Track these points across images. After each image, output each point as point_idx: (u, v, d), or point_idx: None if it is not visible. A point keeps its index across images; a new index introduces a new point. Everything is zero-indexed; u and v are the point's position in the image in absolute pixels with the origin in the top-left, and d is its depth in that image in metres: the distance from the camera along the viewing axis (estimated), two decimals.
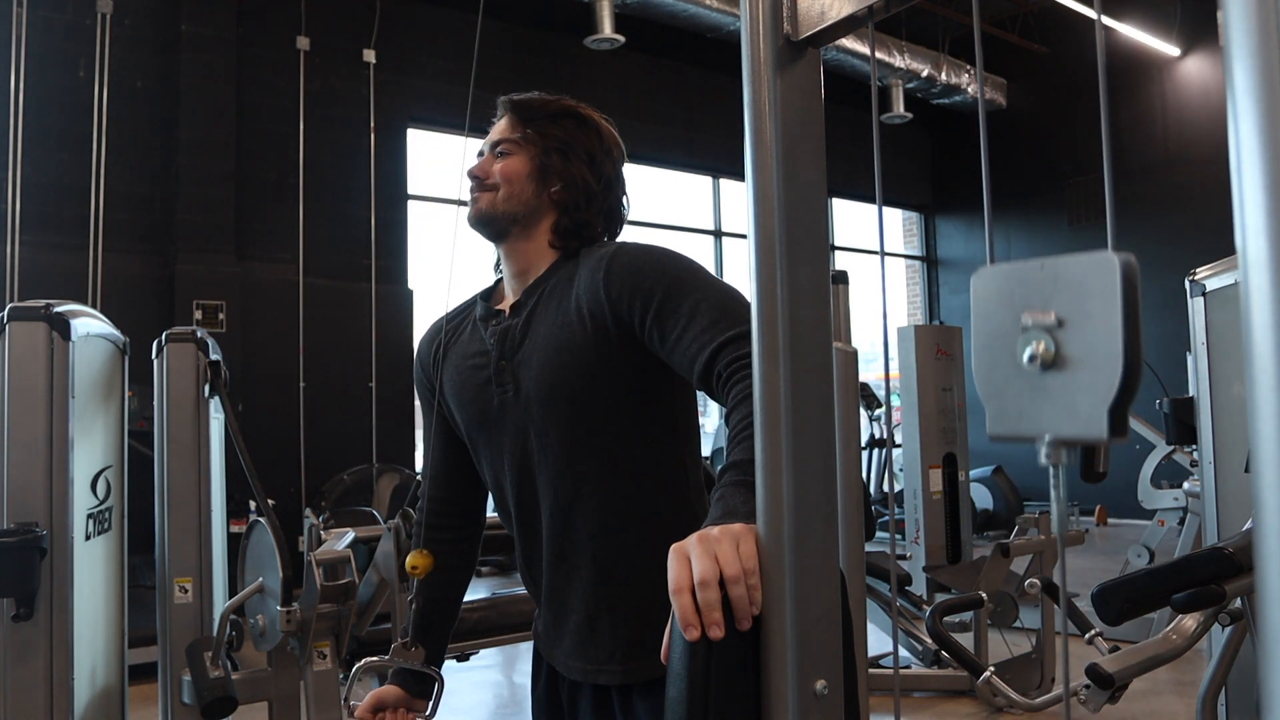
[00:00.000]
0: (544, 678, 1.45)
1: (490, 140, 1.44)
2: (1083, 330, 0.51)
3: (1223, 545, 1.72)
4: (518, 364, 1.34)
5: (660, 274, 1.26)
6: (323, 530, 2.50)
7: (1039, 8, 9.67)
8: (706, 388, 1.18)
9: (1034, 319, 0.52)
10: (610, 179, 1.44)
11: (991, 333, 0.55)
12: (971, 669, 2.81)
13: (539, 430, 1.32)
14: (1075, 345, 0.51)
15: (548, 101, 1.45)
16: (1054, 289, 0.52)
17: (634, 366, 1.28)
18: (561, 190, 1.39)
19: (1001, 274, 0.55)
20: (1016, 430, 0.54)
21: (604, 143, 1.45)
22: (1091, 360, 0.50)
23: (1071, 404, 0.51)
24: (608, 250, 1.34)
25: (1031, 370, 0.52)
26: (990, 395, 0.55)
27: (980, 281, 0.56)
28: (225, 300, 6.50)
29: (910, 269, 11.73)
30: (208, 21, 6.64)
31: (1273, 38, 0.38)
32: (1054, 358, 0.52)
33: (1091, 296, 0.50)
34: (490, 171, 1.40)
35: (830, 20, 0.74)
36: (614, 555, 1.31)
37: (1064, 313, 0.51)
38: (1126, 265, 0.49)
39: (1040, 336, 0.52)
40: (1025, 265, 0.54)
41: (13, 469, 2.11)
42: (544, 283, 1.38)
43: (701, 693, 0.79)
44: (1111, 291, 0.49)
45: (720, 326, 1.16)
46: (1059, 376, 0.51)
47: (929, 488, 4.61)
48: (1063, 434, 0.51)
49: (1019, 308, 0.54)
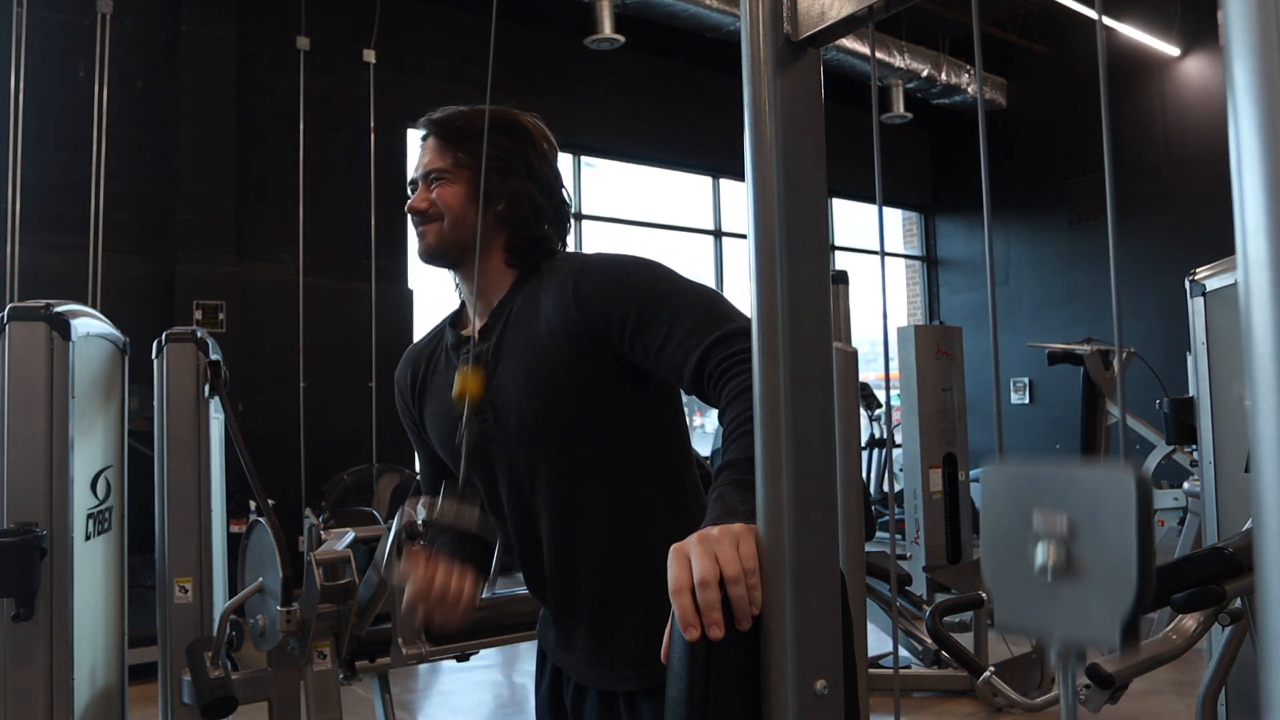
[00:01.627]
0: (547, 678, 1.45)
1: (422, 170, 1.39)
2: (1095, 540, 0.51)
3: (1223, 545, 1.72)
4: (494, 392, 1.32)
5: (632, 285, 1.24)
6: (323, 530, 2.50)
7: (1039, 8, 9.67)
8: (698, 391, 1.17)
9: (1046, 524, 0.53)
10: (551, 183, 1.41)
11: (1002, 531, 0.56)
12: (971, 669, 2.80)
13: (526, 456, 1.31)
14: (1087, 554, 0.51)
15: (471, 117, 1.38)
16: (1066, 494, 0.53)
17: (613, 380, 1.27)
18: (506, 208, 1.36)
19: (1012, 474, 0.56)
20: (1027, 627, 0.55)
21: (537, 146, 1.40)
22: (1104, 571, 0.51)
23: (1083, 611, 0.52)
24: (571, 267, 1.31)
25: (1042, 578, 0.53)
26: (999, 590, 0.56)
27: (990, 480, 0.57)
28: (225, 300, 6.50)
29: (910, 269, 11.73)
30: (208, 21, 6.63)
31: (1273, 38, 0.38)
32: (1065, 564, 0.52)
33: (1104, 509, 0.51)
34: (430, 202, 1.37)
35: (830, 20, 0.74)
36: (618, 567, 1.31)
37: (1076, 519, 0.52)
38: (1141, 482, 0.49)
39: (1051, 544, 0.53)
40: (1036, 470, 0.54)
41: (13, 469, 2.11)
42: (508, 304, 1.36)
43: (701, 693, 0.79)
44: (1127, 508, 0.50)
45: (704, 329, 1.16)
46: (1071, 583, 0.52)
47: (929, 488, 4.61)
48: (1073, 638, 0.52)
49: (1029, 505, 0.54)
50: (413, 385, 1.50)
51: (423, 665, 4.16)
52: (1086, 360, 5.21)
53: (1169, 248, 8.62)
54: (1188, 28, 9.35)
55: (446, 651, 2.52)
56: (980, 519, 0.57)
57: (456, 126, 1.38)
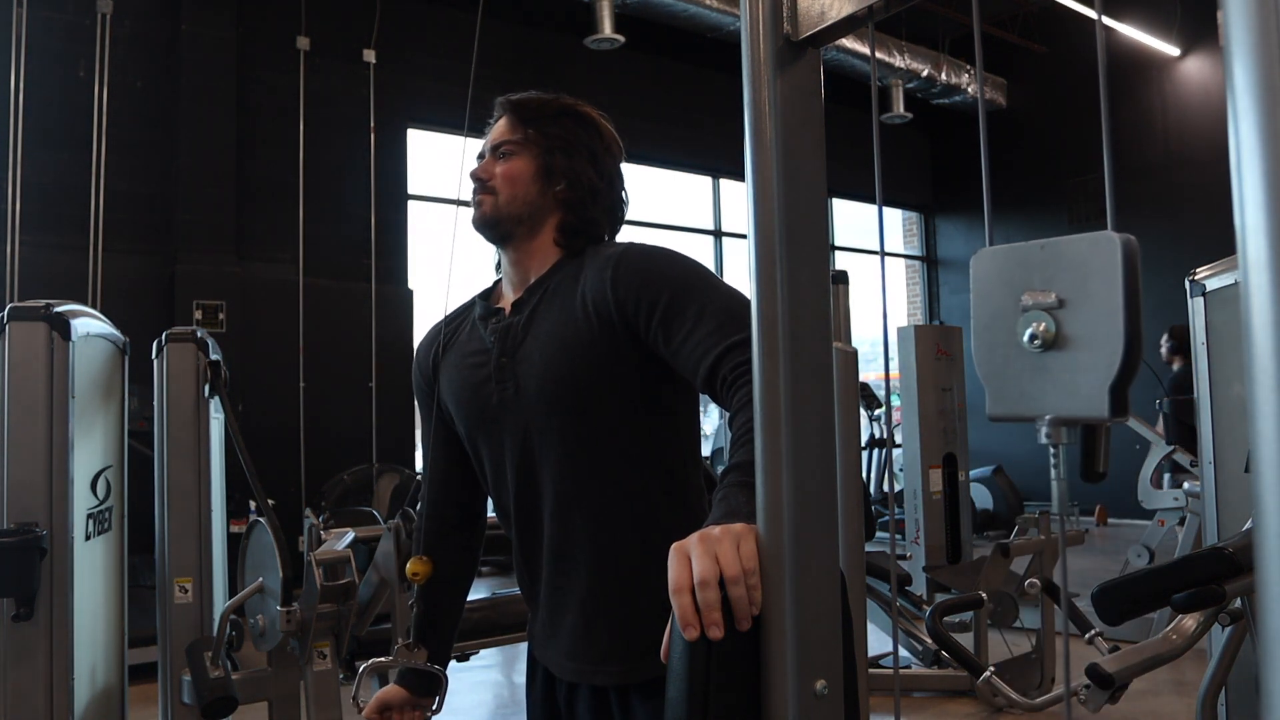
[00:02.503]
0: (539, 680, 1.45)
1: (490, 142, 1.43)
2: (1083, 310, 0.51)
3: (1223, 545, 1.72)
4: (519, 361, 1.34)
5: (668, 277, 1.26)
6: (323, 530, 2.50)
7: (1039, 8, 9.67)
8: (711, 391, 1.18)
9: (1034, 299, 0.52)
10: (612, 175, 1.44)
11: (991, 314, 0.55)
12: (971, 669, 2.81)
13: (540, 428, 1.32)
14: (1076, 325, 0.51)
15: (546, 101, 1.44)
16: (1054, 269, 0.52)
17: (636, 366, 1.28)
18: (566, 189, 1.39)
19: (1001, 255, 0.55)
20: (1017, 410, 0.54)
21: (604, 140, 1.44)
22: (1092, 339, 0.50)
23: (1072, 383, 0.51)
24: (615, 250, 1.33)
25: (1032, 350, 0.52)
26: (990, 376, 0.55)
27: (980, 262, 0.56)
28: (225, 300, 6.50)
29: (910, 269, 11.73)
30: (208, 21, 6.63)
31: (1273, 38, 0.38)
32: (1054, 337, 0.51)
33: (1092, 276, 0.50)
34: (493, 173, 1.40)
35: (830, 20, 0.74)
36: (612, 555, 1.31)
37: (1064, 293, 0.51)
38: (1127, 245, 0.49)
39: (1040, 317, 0.52)
40: (1025, 246, 0.54)
41: (13, 469, 2.11)
42: (547, 281, 1.38)
43: (701, 693, 0.79)
44: (1112, 271, 0.49)
45: (726, 331, 1.17)
46: (1059, 356, 0.51)
47: (929, 488, 4.61)
48: (1063, 413, 0.51)
49: (1019, 288, 0.54)
50: (431, 357, 1.50)
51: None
52: None
53: (1169, 248, 8.61)
54: (1188, 28, 9.35)
55: None
56: (971, 304, 0.57)
57: (531, 105, 1.43)
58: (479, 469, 1.46)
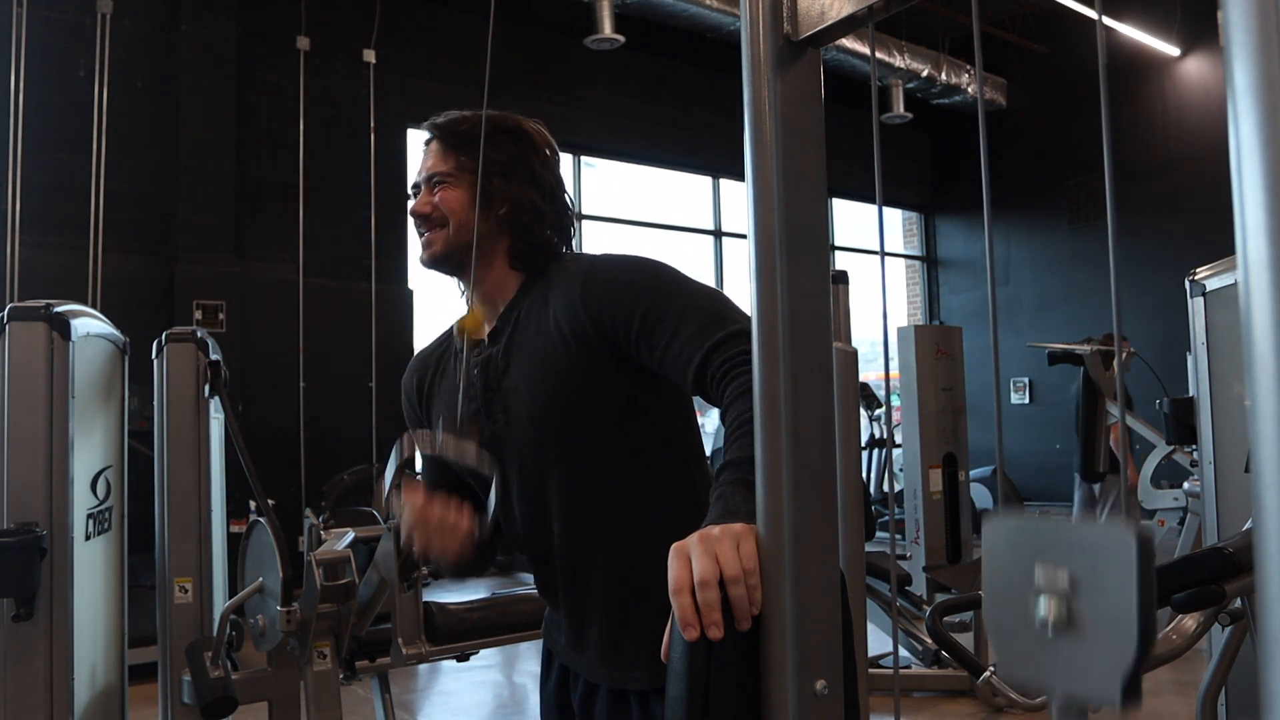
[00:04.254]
0: (554, 678, 1.44)
1: (425, 174, 1.39)
2: (1096, 596, 0.51)
3: (1223, 545, 1.72)
4: (506, 393, 1.33)
5: (640, 286, 1.25)
6: (323, 530, 2.50)
7: (1039, 8, 9.67)
8: (701, 391, 1.18)
9: (1047, 580, 0.53)
10: (553, 189, 1.41)
11: (1004, 584, 0.56)
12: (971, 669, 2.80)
13: (538, 454, 1.31)
14: (1088, 610, 0.51)
15: (474, 121, 1.38)
16: (1067, 548, 0.52)
17: (622, 379, 1.28)
18: (509, 212, 1.36)
19: (1015, 528, 0.56)
20: (1029, 682, 0.55)
21: (539, 151, 1.41)
22: (1105, 627, 0.50)
23: (1084, 667, 0.51)
24: (579, 267, 1.32)
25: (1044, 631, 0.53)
26: (1002, 643, 0.56)
27: (992, 532, 0.56)
28: (225, 300, 6.50)
29: (910, 269, 11.73)
30: (208, 21, 6.63)
31: (1273, 38, 0.38)
32: (1067, 619, 0.52)
33: (1106, 564, 0.50)
34: (430, 205, 1.37)
35: (830, 20, 0.74)
36: (630, 565, 1.30)
37: (1077, 575, 0.52)
38: (1142, 540, 0.49)
39: (1053, 597, 0.53)
40: (1039, 522, 0.54)
41: (13, 469, 2.11)
42: (517, 306, 1.37)
43: (701, 693, 0.79)
44: (1127, 563, 0.50)
45: (709, 330, 1.16)
46: (1072, 638, 0.52)
47: (929, 488, 4.61)
48: (1075, 694, 0.52)
49: (1031, 558, 0.54)
50: (419, 390, 1.50)
51: (423, 665, 4.15)
52: (1086, 360, 5.22)
53: (1169, 248, 8.62)
54: (1188, 28, 9.35)
55: (446, 651, 2.52)
56: (982, 572, 0.57)
57: (460, 130, 1.38)
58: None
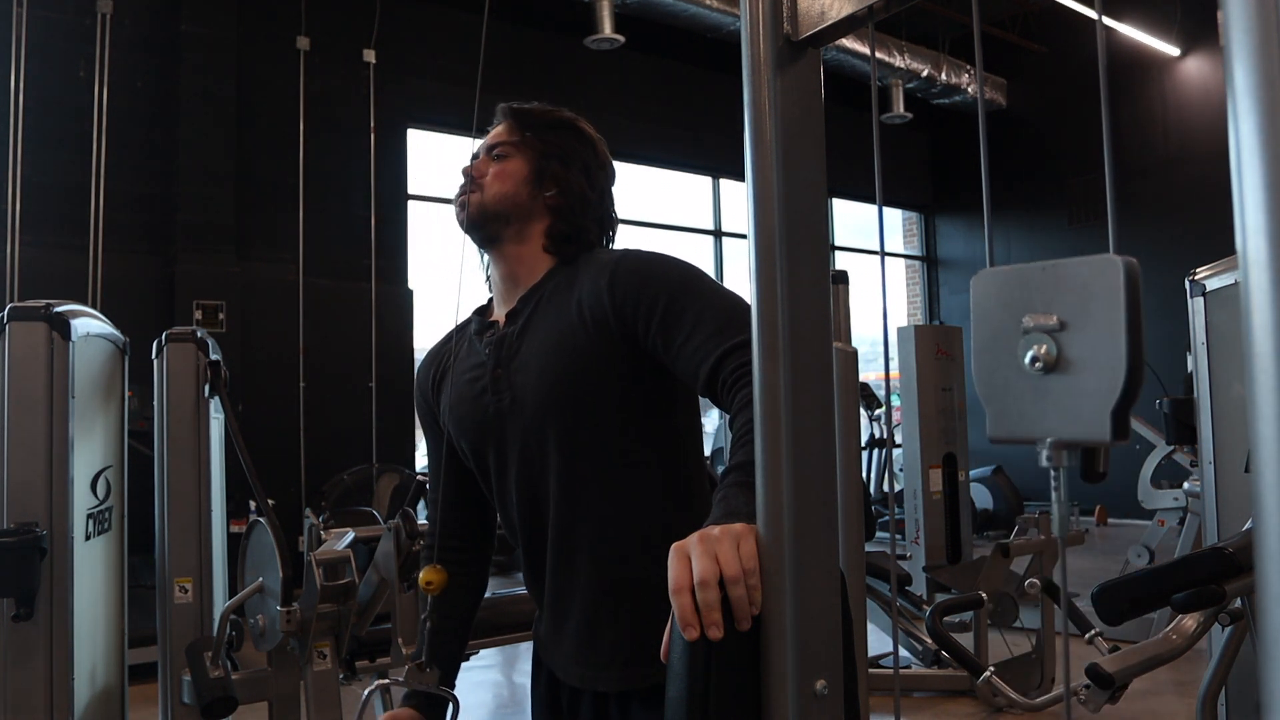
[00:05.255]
0: (544, 681, 1.44)
1: (487, 144, 1.44)
2: (1085, 333, 0.50)
3: (1223, 545, 1.72)
4: (514, 370, 1.34)
5: (666, 281, 1.26)
6: (323, 530, 2.50)
7: (1039, 8, 9.67)
8: (711, 393, 1.18)
9: (1035, 321, 0.52)
10: (604, 189, 1.45)
11: (992, 335, 0.55)
12: (971, 669, 2.81)
13: (540, 436, 1.31)
14: (1077, 348, 0.51)
15: (547, 111, 1.45)
16: (1055, 292, 0.52)
17: (633, 371, 1.28)
18: (556, 195, 1.39)
19: (1002, 276, 0.55)
20: (1018, 432, 0.54)
21: (599, 157, 1.45)
22: (1094, 363, 0.50)
23: (1073, 406, 0.51)
24: (612, 256, 1.34)
25: (1033, 373, 0.52)
26: (991, 397, 0.55)
27: (980, 284, 0.56)
28: (225, 300, 6.50)
29: (910, 269, 11.73)
30: (208, 21, 6.63)
31: (1273, 38, 0.38)
32: (1055, 360, 0.51)
33: (1094, 299, 0.50)
34: (485, 171, 1.40)
35: (830, 20, 0.74)
36: (615, 560, 1.30)
37: (1065, 315, 0.51)
38: (1129, 268, 0.49)
39: (1042, 339, 0.52)
40: (1026, 268, 0.54)
41: (13, 469, 2.11)
42: (541, 289, 1.37)
43: (701, 693, 0.79)
44: (1114, 294, 0.49)
45: (725, 334, 1.17)
46: (1060, 379, 0.51)
47: (929, 488, 4.61)
48: (1064, 436, 0.51)
49: (1020, 310, 0.53)
50: (434, 379, 1.50)
51: None
52: None
53: (1169, 248, 8.62)
54: (1188, 28, 9.35)
55: None
56: (971, 324, 0.56)
57: (533, 114, 1.44)
58: (483, 481, 1.45)
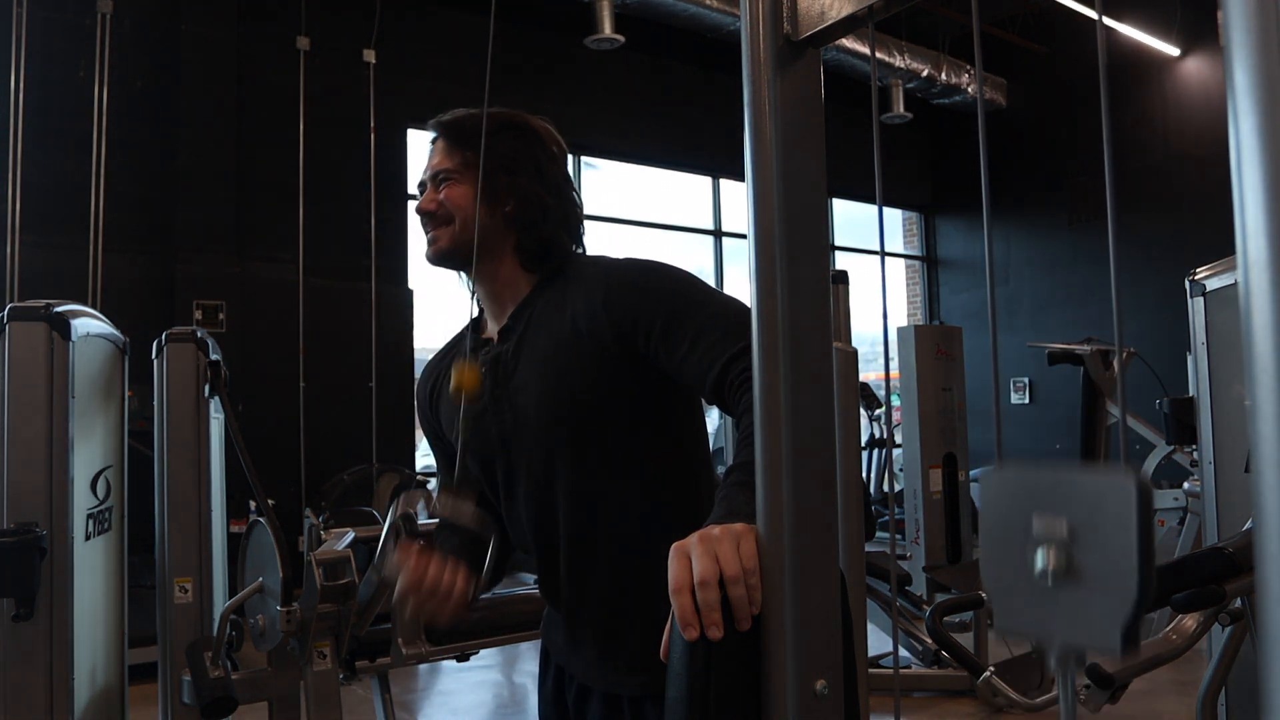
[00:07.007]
0: (551, 677, 1.44)
1: (430, 171, 1.40)
2: (1095, 545, 0.51)
3: (1223, 545, 1.72)
4: (514, 391, 1.33)
5: (664, 291, 1.26)
6: (323, 530, 2.50)
7: (1039, 8, 9.67)
8: (718, 400, 1.18)
9: (1046, 529, 0.53)
10: (560, 185, 1.41)
11: (1002, 535, 0.55)
12: (971, 669, 2.80)
13: (546, 455, 1.31)
14: (1087, 559, 0.51)
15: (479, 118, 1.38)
16: (1065, 498, 0.52)
17: (634, 383, 1.28)
18: (515, 208, 1.36)
19: (1012, 479, 0.55)
20: (1027, 632, 0.54)
21: (546, 147, 1.41)
22: (1104, 575, 0.50)
23: (1083, 615, 0.51)
24: (600, 270, 1.32)
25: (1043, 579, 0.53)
26: (999, 593, 0.55)
27: (990, 484, 0.56)
28: (225, 300, 6.50)
29: (910, 269, 11.72)
30: (208, 21, 6.63)
31: (1273, 38, 0.38)
32: (1066, 569, 0.52)
33: (1105, 514, 0.50)
34: (439, 203, 1.37)
35: (830, 20, 0.74)
36: (632, 568, 1.30)
37: (1076, 524, 0.51)
38: (1141, 486, 0.49)
39: (1052, 547, 0.52)
40: (1035, 475, 0.54)
41: (13, 469, 2.11)
42: (530, 305, 1.36)
43: (701, 693, 0.79)
44: (1127, 512, 0.49)
45: (730, 340, 1.17)
46: (1071, 588, 0.52)
47: (929, 488, 4.61)
48: (1073, 644, 0.52)
49: (1029, 510, 0.54)
50: (432, 395, 1.50)
51: (423, 665, 4.15)
52: (1086, 360, 5.22)
53: (1169, 248, 8.62)
54: (1188, 28, 9.35)
55: (446, 651, 2.52)
56: (979, 523, 0.57)
57: (464, 127, 1.38)
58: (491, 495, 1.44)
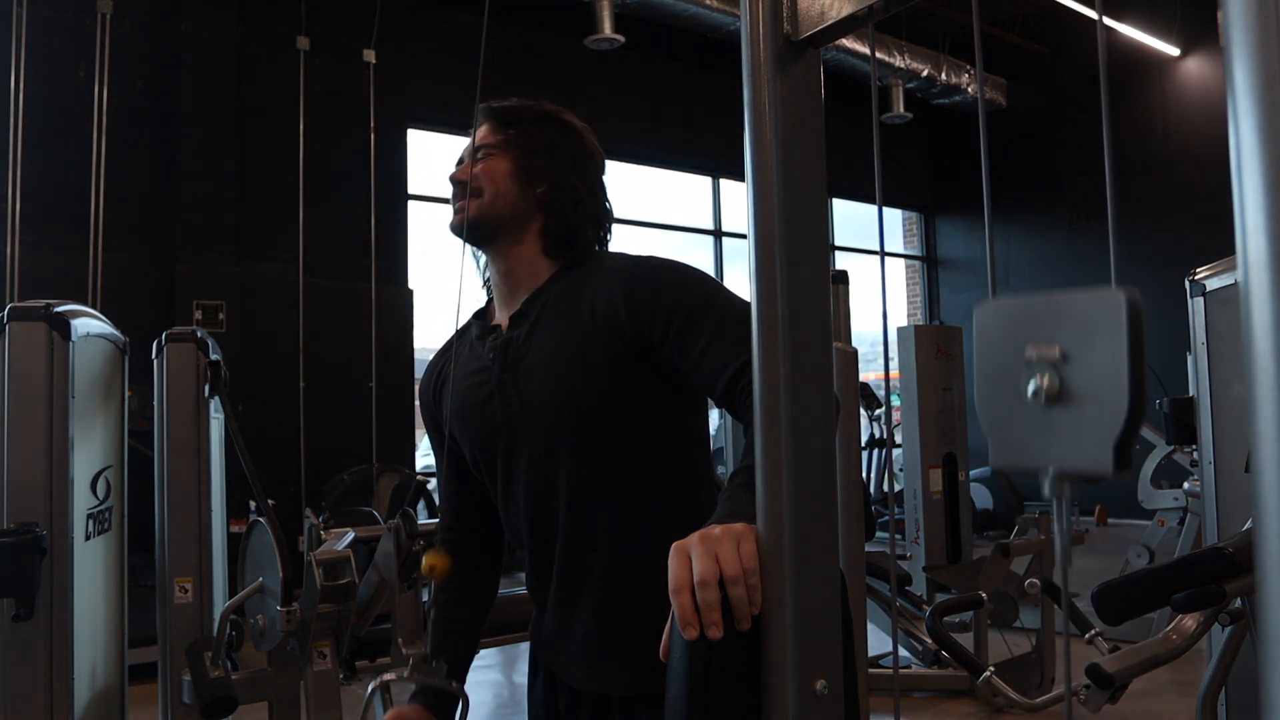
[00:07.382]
0: (541, 681, 1.44)
1: (472, 147, 1.42)
2: (1087, 365, 0.51)
3: (1223, 545, 1.72)
4: (521, 376, 1.32)
5: (684, 291, 1.26)
6: (323, 530, 2.50)
7: (1039, 8, 9.67)
8: (728, 403, 1.18)
9: (1038, 353, 0.52)
10: (594, 182, 1.43)
11: (994, 365, 0.55)
12: (971, 669, 2.81)
13: (551, 442, 1.31)
14: (1080, 380, 0.51)
15: (528, 106, 1.43)
16: (1058, 324, 0.52)
17: (644, 376, 1.28)
18: (547, 191, 1.37)
19: (1004, 307, 0.55)
20: (1020, 462, 0.54)
21: (586, 148, 1.43)
22: (1096, 395, 0.50)
23: (1076, 438, 0.51)
24: (624, 264, 1.33)
25: (1035, 404, 0.53)
26: (993, 427, 0.55)
27: (983, 314, 0.56)
28: (225, 300, 6.50)
29: (910, 269, 11.73)
30: (208, 21, 6.64)
31: (1273, 38, 0.38)
32: (1058, 392, 0.52)
33: (1097, 332, 0.50)
34: (473, 175, 1.38)
35: (830, 20, 0.74)
36: (628, 566, 1.30)
37: (1068, 347, 0.51)
38: (1132, 302, 0.49)
39: (1044, 371, 0.52)
40: (1029, 299, 0.54)
41: (13, 469, 2.10)
42: (546, 292, 1.36)
43: (701, 693, 0.79)
44: (1118, 328, 0.49)
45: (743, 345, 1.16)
46: (1063, 411, 0.52)
47: (929, 488, 4.61)
48: (1067, 468, 0.52)
49: (1022, 341, 0.54)
50: (435, 385, 1.49)
51: None
52: None
53: (1169, 248, 8.62)
54: (1188, 28, 9.35)
55: None
56: (974, 354, 0.57)
57: (513, 111, 1.42)
58: (488, 483, 1.43)
